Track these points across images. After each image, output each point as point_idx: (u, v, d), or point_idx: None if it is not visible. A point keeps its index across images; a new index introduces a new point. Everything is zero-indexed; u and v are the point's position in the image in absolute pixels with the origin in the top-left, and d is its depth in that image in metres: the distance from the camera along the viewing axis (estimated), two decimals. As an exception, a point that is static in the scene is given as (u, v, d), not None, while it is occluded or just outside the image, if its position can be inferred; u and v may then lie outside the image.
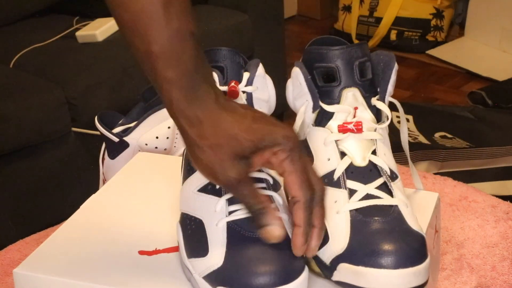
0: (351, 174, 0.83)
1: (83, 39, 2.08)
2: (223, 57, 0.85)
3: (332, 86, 0.86)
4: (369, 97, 0.86)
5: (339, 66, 0.85)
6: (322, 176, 0.84)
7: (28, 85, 1.89)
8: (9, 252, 1.11)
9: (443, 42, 3.25)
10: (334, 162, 0.84)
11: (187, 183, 0.84)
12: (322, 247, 0.80)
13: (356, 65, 0.86)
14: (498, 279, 1.01)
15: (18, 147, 1.82)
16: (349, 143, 0.84)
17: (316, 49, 0.87)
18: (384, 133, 0.86)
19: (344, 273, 0.78)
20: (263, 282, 0.73)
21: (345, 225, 0.79)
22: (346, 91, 0.85)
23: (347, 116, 0.85)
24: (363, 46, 0.87)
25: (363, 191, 0.82)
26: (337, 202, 0.81)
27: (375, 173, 0.83)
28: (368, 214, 0.80)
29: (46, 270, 0.83)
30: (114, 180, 1.01)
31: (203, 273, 0.77)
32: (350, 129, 0.84)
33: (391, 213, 0.80)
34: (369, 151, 0.84)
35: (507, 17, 3.07)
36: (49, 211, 1.89)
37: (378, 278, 0.76)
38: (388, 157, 0.85)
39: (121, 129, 1.17)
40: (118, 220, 0.92)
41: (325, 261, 0.80)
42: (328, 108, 0.86)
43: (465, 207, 1.17)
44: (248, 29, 2.28)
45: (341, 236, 0.79)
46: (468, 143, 2.28)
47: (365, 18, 3.29)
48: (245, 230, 0.77)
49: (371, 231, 0.78)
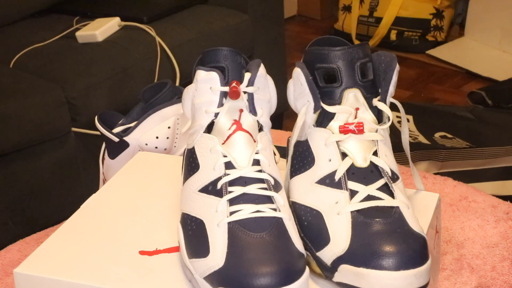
0: (352, 175, 0.83)
1: (83, 39, 2.08)
2: (224, 57, 0.85)
3: (333, 87, 0.86)
4: (370, 98, 0.86)
5: (340, 66, 0.85)
6: (323, 177, 0.84)
7: (28, 85, 1.89)
8: (9, 252, 1.11)
9: (443, 42, 3.25)
10: (335, 163, 0.84)
11: (187, 184, 0.84)
12: (323, 248, 0.80)
13: (358, 66, 0.85)
14: (498, 279, 1.01)
15: (18, 147, 1.82)
16: (350, 144, 0.84)
17: (317, 50, 0.87)
18: (385, 134, 0.86)
19: (345, 275, 0.78)
20: (264, 283, 0.73)
21: (346, 227, 0.79)
22: (347, 91, 0.85)
23: (348, 117, 0.85)
24: (364, 46, 0.87)
25: (364, 192, 0.81)
26: (338, 203, 0.81)
27: (376, 174, 0.83)
28: (369, 216, 0.80)
29: (46, 270, 0.83)
30: (114, 180, 1.01)
31: (204, 273, 0.77)
32: (351, 130, 0.84)
33: (392, 214, 0.80)
34: (370, 152, 0.84)
35: (507, 17, 3.07)
36: (49, 211, 1.89)
37: (379, 279, 0.76)
38: (389, 158, 0.85)
39: (121, 129, 1.17)
40: (118, 220, 0.92)
41: (326, 262, 0.80)
42: (329, 109, 0.86)
43: (465, 207, 1.17)
44: (248, 29, 2.28)
45: (342, 238, 0.79)
46: (468, 143, 2.27)
47: (365, 18, 3.28)
48: (246, 231, 0.77)
49: (373, 233, 0.78)
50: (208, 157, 0.83)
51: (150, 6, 2.26)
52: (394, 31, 3.23)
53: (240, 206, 0.79)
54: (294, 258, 0.76)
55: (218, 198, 0.80)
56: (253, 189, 0.80)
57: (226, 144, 0.82)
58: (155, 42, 2.05)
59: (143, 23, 2.12)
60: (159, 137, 1.14)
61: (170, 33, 2.12)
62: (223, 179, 0.81)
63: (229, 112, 0.84)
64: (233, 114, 0.84)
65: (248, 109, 0.84)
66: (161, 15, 2.20)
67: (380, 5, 3.25)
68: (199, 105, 0.84)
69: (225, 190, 0.80)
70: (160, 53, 2.04)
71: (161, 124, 1.14)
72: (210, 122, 0.84)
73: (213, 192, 0.81)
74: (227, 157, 0.82)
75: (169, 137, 1.15)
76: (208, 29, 2.19)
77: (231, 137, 0.83)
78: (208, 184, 0.81)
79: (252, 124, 0.84)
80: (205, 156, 0.83)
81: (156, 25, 2.12)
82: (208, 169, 0.82)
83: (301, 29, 3.52)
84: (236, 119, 0.83)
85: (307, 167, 0.86)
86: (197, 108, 0.85)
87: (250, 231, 0.77)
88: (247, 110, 0.84)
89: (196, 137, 0.85)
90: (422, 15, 3.22)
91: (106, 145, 1.17)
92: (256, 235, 0.77)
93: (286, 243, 0.77)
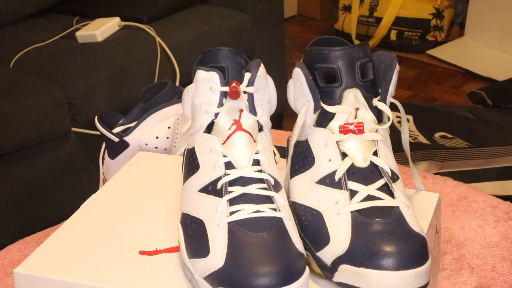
0: (352, 175, 0.83)
1: (83, 39, 2.08)
2: (224, 57, 0.85)
3: (333, 87, 0.86)
4: (370, 98, 0.86)
5: (340, 66, 0.85)
6: (323, 177, 0.84)
7: (28, 85, 1.89)
8: (9, 252, 1.11)
9: (443, 42, 3.25)
10: (335, 163, 0.84)
11: (187, 184, 0.84)
12: (323, 248, 0.80)
13: (358, 66, 0.85)
14: (498, 279, 1.01)
15: (18, 147, 1.82)
16: (350, 144, 0.84)
17: (317, 50, 0.87)
18: (385, 134, 0.86)
19: (345, 275, 0.78)
20: (264, 283, 0.73)
21: (346, 227, 0.79)
22: (347, 91, 0.85)
23: (348, 117, 0.85)
24: (364, 46, 0.87)
25: (364, 192, 0.81)
26: (338, 203, 0.81)
27: (376, 174, 0.83)
28: (369, 216, 0.80)
29: (46, 270, 0.83)
30: (114, 180, 1.01)
31: (204, 273, 0.77)
32: (352, 130, 0.84)
33: (392, 214, 0.80)
34: (370, 152, 0.84)
35: (507, 17, 3.07)
36: (49, 211, 1.89)
37: (379, 279, 0.76)
38: (389, 158, 0.85)
39: (121, 129, 1.17)
40: (118, 220, 0.92)
41: (326, 262, 0.80)
42: (330, 109, 0.86)
43: (465, 207, 1.17)
44: (248, 29, 2.28)
45: (342, 238, 0.79)
46: (468, 143, 2.27)
47: (365, 18, 3.28)
48: (246, 231, 0.77)
49: (373, 233, 0.78)
50: (208, 157, 0.83)
51: (150, 6, 2.26)
52: (394, 31, 3.23)
53: (240, 206, 0.79)
54: (294, 258, 0.76)
55: (218, 198, 0.80)
56: (253, 189, 0.80)
57: (226, 144, 0.82)
58: (155, 42, 2.05)
59: (143, 23, 2.12)
60: (159, 137, 1.14)
61: (170, 33, 2.12)
62: (223, 179, 0.81)
63: (229, 112, 0.83)
64: (233, 114, 0.84)
65: (248, 109, 0.84)
66: (161, 15, 2.20)
67: (380, 5, 3.25)
68: (199, 105, 0.84)
69: (225, 190, 0.80)
70: (160, 53, 2.04)
71: (161, 124, 1.14)
72: (210, 122, 0.84)
73: (213, 192, 0.81)
74: (227, 157, 0.82)
75: (169, 137, 1.15)
76: (208, 29, 2.19)
77: (231, 137, 0.83)
78: (208, 184, 0.81)
79: (252, 124, 0.84)
80: (205, 156, 0.83)
81: (156, 25, 2.12)
82: (208, 169, 0.82)
83: (301, 29, 3.52)
84: (236, 119, 0.83)
85: (307, 167, 0.86)
86: (197, 108, 0.85)
87: (250, 231, 0.77)
88: (247, 110, 0.84)
89: (196, 137, 0.85)
90: (422, 15, 3.22)
91: (106, 145, 1.17)
92: (256, 235, 0.77)
93: (286, 243, 0.77)
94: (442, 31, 3.25)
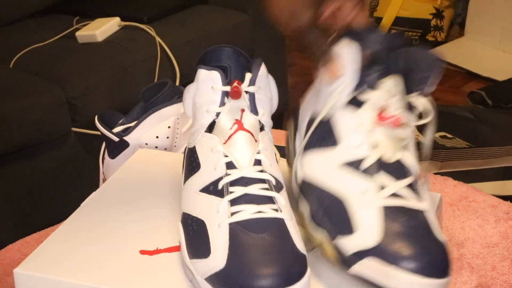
0: (380, 167, 0.80)
1: (83, 39, 2.08)
2: (226, 56, 0.84)
3: (372, 72, 0.83)
4: (406, 91, 0.84)
5: (381, 52, 0.83)
6: (350, 162, 0.81)
7: (28, 85, 1.89)
8: (9, 252, 1.11)
9: (443, 42, 3.25)
10: (364, 151, 0.81)
11: (188, 183, 0.84)
12: (344, 235, 0.78)
13: (400, 54, 0.83)
14: (499, 279, 1.01)
15: (18, 147, 1.82)
16: (383, 135, 0.81)
17: (363, 31, 0.84)
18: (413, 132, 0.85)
19: (369, 269, 0.76)
20: (266, 284, 0.72)
21: (377, 220, 0.77)
22: (386, 79, 0.83)
23: (382, 105, 0.82)
24: (407, 37, 0.85)
25: (394, 187, 0.79)
26: (366, 193, 0.79)
27: (403, 170, 0.81)
28: (398, 213, 0.78)
29: (46, 270, 0.83)
30: (114, 178, 1.01)
31: (205, 274, 0.76)
32: (391, 121, 0.82)
33: (419, 216, 0.78)
34: (400, 147, 0.82)
35: (507, 17, 3.07)
36: (49, 211, 1.89)
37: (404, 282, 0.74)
38: (415, 157, 0.83)
39: (121, 128, 1.17)
40: (119, 218, 0.91)
41: (346, 251, 0.78)
42: (366, 94, 0.83)
43: (465, 207, 1.17)
44: (248, 29, 2.28)
45: (372, 230, 0.77)
46: (468, 143, 2.27)
47: (365, 18, 3.28)
48: (247, 232, 0.77)
49: (403, 233, 0.76)
50: (209, 156, 0.82)
51: (150, 6, 2.26)
52: (394, 31, 3.23)
53: (241, 206, 0.79)
54: (296, 259, 0.76)
55: (219, 198, 0.80)
56: (255, 189, 0.80)
57: (227, 144, 0.82)
58: (155, 42, 2.05)
59: (143, 23, 2.12)
60: (159, 137, 1.14)
61: (170, 33, 2.12)
62: (224, 179, 0.80)
63: (230, 112, 0.83)
64: (234, 113, 0.83)
65: (250, 109, 0.84)
66: (161, 15, 2.21)
67: (380, 5, 3.25)
68: (200, 104, 0.84)
69: (226, 191, 0.80)
70: (160, 53, 2.04)
71: (161, 124, 1.14)
72: (212, 121, 0.84)
73: (214, 192, 0.81)
74: (228, 157, 0.81)
75: (169, 136, 1.14)
76: (208, 29, 2.19)
77: (232, 137, 0.82)
78: (209, 184, 0.81)
79: (254, 123, 0.83)
80: (206, 155, 0.83)
81: (156, 25, 2.12)
82: (209, 169, 0.82)
83: (301, 29, 3.52)
84: (238, 119, 0.83)
85: (328, 145, 0.83)
86: (198, 107, 0.85)
87: (252, 232, 0.77)
88: (248, 109, 0.84)
89: (197, 136, 0.84)
90: (422, 15, 3.22)
91: (106, 145, 1.17)
92: (258, 236, 0.76)
93: (287, 244, 0.77)
94: (442, 31, 3.25)
